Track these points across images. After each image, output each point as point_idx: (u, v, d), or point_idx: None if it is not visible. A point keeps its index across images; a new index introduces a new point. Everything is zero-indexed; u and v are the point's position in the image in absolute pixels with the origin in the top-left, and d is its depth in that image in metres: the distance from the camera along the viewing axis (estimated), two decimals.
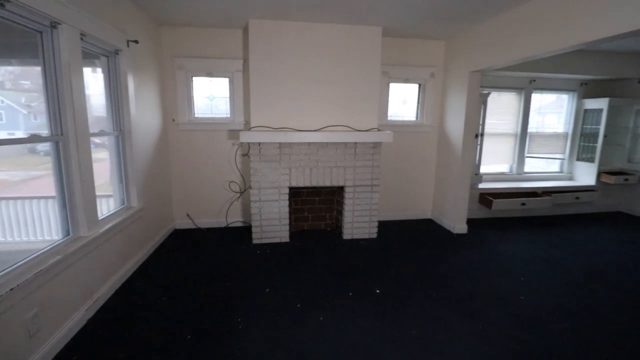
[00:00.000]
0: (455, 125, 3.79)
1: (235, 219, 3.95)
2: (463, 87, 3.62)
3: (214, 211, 3.89)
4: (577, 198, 4.50)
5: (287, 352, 1.87)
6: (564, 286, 2.65)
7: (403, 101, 4.18)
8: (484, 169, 4.47)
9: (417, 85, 4.13)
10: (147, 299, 2.39)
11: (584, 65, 4.29)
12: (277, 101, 3.38)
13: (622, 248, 3.48)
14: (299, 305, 2.33)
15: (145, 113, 3.06)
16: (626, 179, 4.53)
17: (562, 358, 1.83)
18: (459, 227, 3.86)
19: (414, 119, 4.22)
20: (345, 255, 3.21)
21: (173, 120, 3.65)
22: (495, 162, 4.79)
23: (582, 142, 4.86)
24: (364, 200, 3.58)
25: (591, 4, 2.16)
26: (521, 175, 4.86)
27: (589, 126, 4.76)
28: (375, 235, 3.67)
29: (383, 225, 3.89)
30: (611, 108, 4.48)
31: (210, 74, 3.65)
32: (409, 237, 3.71)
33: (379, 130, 3.55)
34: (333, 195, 3.90)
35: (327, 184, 3.48)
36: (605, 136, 4.53)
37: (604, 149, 4.58)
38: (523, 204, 4.24)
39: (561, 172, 5.05)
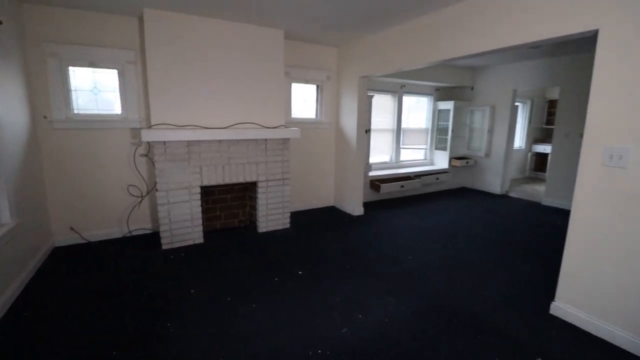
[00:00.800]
0: (350, 122, 4.37)
1: (139, 227, 3.60)
2: (354, 90, 4.21)
3: (111, 221, 3.46)
4: (437, 179, 5.77)
5: (233, 338, 1.96)
6: (436, 244, 3.48)
7: (304, 100, 4.54)
8: (372, 159, 5.26)
9: (315, 86, 4.55)
10: (43, 327, 2.06)
11: (438, 75, 5.50)
12: (182, 98, 3.24)
13: (469, 212, 4.70)
14: (229, 299, 2.40)
15: (8, 109, 2.50)
16: (467, 162, 6.05)
17: (440, 295, 2.48)
18: (357, 210, 4.49)
19: (314, 116, 4.63)
20: (263, 246, 3.38)
21: (45, 117, 3.06)
22: (379, 153, 5.68)
23: (438, 135, 6.22)
24: (277, 194, 3.79)
25: (447, 32, 2.90)
26: (398, 163, 5.90)
27: (442, 123, 6.12)
28: (288, 225, 3.93)
29: (294, 216, 4.19)
30: (455, 109, 5.89)
31: (93, 64, 3.20)
32: (318, 223, 4.12)
33: (286, 127, 3.80)
34: (245, 192, 3.98)
35: (241, 180, 3.55)
36: (452, 130, 5.92)
37: (453, 140, 5.98)
38: (402, 186, 5.19)
39: (425, 159, 6.34)
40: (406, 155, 6.09)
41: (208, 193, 3.73)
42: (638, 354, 1.84)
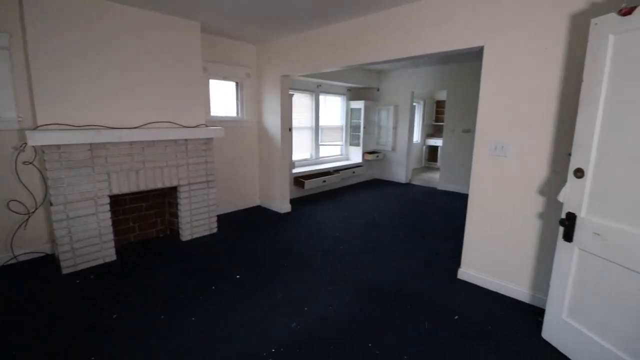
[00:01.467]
0: (273, 120, 4.37)
1: (30, 250, 2.92)
2: (277, 88, 4.22)
3: None
4: (354, 172, 6.24)
5: (180, 357, 1.81)
6: (359, 232, 3.79)
7: (223, 97, 4.34)
8: (294, 156, 5.37)
9: (234, 83, 4.40)
10: None
11: (349, 76, 5.92)
12: (83, 93, 2.76)
13: (383, 201, 5.23)
14: (162, 317, 2.19)
15: None
16: (377, 156, 6.69)
17: (371, 279, 2.74)
18: (285, 207, 4.54)
19: (234, 115, 4.48)
20: (191, 254, 3.15)
21: None
22: (300, 150, 5.83)
23: (351, 132, 6.70)
24: (201, 198, 3.56)
25: (358, 42, 3.16)
26: (318, 159, 6.16)
27: (354, 120, 6.62)
28: (216, 230, 3.74)
29: (221, 219, 4.00)
30: (365, 108, 6.43)
31: None
32: (247, 224, 4.03)
33: (206, 126, 3.59)
34: (164, 198, 3.62)
35: (159, 185, 3.22)
36: (364, 128, 6.46)
37: (364, 136, 6.53)
38: (324, 181, 5.45)
39: (342, 154, 6.77)
40: (325, 151, 6.39)
41: (117, 203, 3.27)
42: (525, 300, 2.39)
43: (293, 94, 4.95)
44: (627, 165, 1.49)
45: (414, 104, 6.81)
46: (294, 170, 5.22)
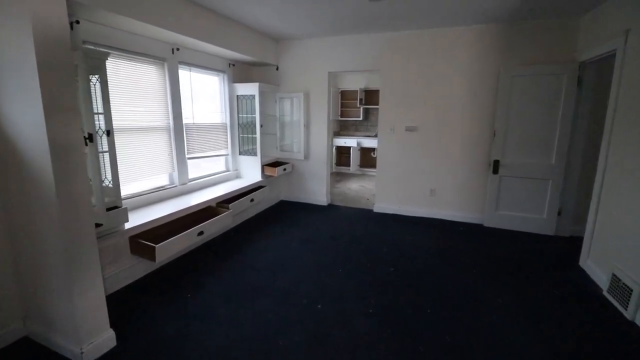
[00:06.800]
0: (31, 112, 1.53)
1: None
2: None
3: None
4: (252, 201, 3.80)
5: None
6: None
7: None
8: (128, 188, 2.56)
9: None
10: None
11: (231, 38, 3.41)
12: None
13: (310, 256, 3.02)
14: None
15: None
16: (285, 169, 4.42)
17: None
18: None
19: None
20: None
21: None
22: (147, 172, 3.00)
23: (241, 133, 4.19)
24: None
25: None
26: (186, 186, 3.46)
27: (244, 115, 4.13)
28: None
29: None
30: (261, 95, 4.03)
31: None
32: None
33: None
34: None
35: None
36: (261, 126, 4.06)
37: (262, 139, 4.14)
38: (201, 233, 2.84)
39: (228, 170, 4.20)
40: (196, 169, 3.72)
41: None
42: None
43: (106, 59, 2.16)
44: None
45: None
46: (130, 224, 2.45)
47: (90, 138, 1.69)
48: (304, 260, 2.92)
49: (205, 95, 3.85)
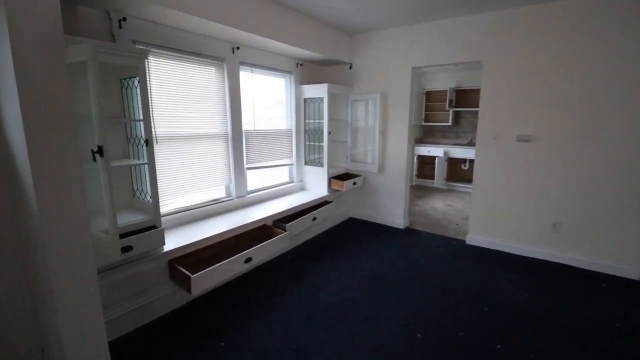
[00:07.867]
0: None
1: None
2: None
3: None
4: (314, 220, 3.27)
5: None
6: None
7: None
8: (173, 202, 2.27)
9: None
10: None
11: (299, 31, 2.96)
12: None
13: (382, 305, 2.33)
14: None
15: None
16: (354, 183, 3.80)
17: None
18: None
19: None
20: None
21: None
22: (199, 184, 2.73)
23: (307, 141, 3.73)
24: None
25: None
26: (243, 199, 3.12)
27: (310, 121, 3.65)
28: None
29: None
30: (331, 97, 3.49)
31: None
32: None
33: None
34: None
35: None
36: (329, 133, 3.52)
37: (330, 148, 3.60)
38: (249, 260, 2.41)
39: (291, 181, 3.78)
40: (255, 180, 3.37)
41: None
42: None
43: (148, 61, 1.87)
44: None
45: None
46: (169, 246, 2.14)
47: (100, 151, 1.35)
48: (371, 309, 2.24)
49: (269, 98, 3.50)
